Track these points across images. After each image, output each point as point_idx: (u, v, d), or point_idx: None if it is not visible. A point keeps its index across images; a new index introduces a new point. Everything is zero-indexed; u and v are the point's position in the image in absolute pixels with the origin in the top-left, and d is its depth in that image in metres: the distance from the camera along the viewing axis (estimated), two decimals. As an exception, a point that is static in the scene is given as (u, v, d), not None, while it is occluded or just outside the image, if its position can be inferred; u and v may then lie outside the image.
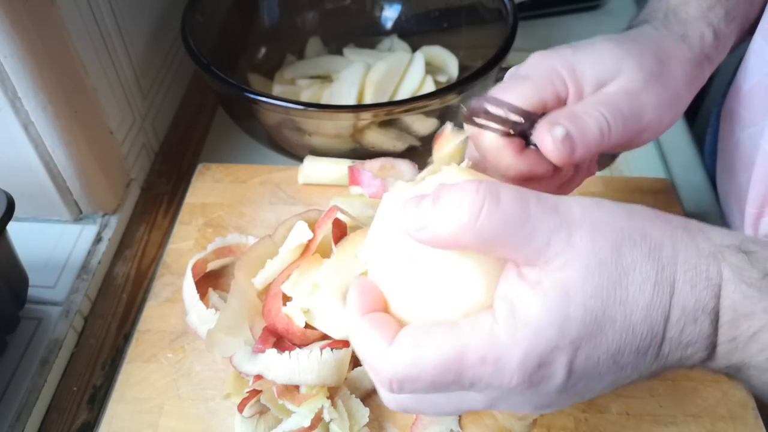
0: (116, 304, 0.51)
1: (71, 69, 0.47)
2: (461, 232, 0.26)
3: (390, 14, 0.70)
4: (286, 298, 0.43)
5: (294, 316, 0.42)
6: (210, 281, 0.49)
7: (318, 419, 0.38)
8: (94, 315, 0.50)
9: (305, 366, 0.39)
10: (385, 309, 0.30)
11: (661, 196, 0.56)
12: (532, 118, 0.35)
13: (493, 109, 0.34)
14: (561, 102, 0.36)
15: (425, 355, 0.26)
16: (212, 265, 0.49)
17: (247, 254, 0.46)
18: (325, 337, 0.42)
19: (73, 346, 0.48)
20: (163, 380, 0.43)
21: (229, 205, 0.54)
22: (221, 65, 0.55)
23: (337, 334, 0.41)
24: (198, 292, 0.46)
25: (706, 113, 0.60)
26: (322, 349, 0.39)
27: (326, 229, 0.44)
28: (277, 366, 0.39)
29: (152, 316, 0.47)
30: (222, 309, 0.44)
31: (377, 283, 0.30)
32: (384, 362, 0.27)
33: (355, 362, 0.42)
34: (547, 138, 0.33)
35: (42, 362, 0.45)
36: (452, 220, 0.26)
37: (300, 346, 0.41)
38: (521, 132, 0.35)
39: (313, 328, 0.42)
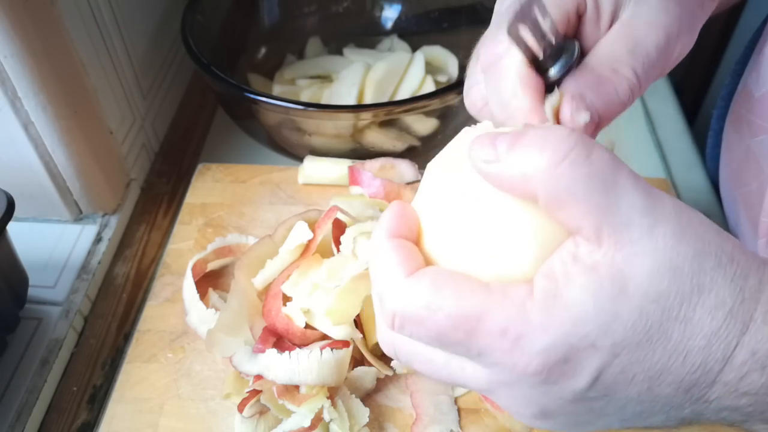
0: (116, 304, 0.51)
1: (71, 69, 0.47)
2: (536, 175, 0.23)
3: (390, 14, 0.70)
4: (286, 298, 0.43)
5: (294, 316, 0.42)
6: (210, 281, 0.49)
7: (318, 419, 0.38)
8: (94, 315, 0.50)
9: (305, 366, 0.39)
10: (417, 244, 0.27)
11: (661, 196, 0.55)
12: (557, 43, 0.29)
13: (539, 19, 0.28)
14: (578, 19, 0.31)
15: (442, 301, 0.23)
16: (212, 265, 0.49)
17: (247, 254, 0.46)
18: (325, 337, 0.42)
19: (73, 346, 0.48)
20: (163, 380, 0.43)
21: (229, 205, 0.54)
22: (221, 65, 0.55)
23: (337, 335, 0.41)
24: (198, 292, 0.46)
25: (707, 114, 0.60)
26: (322, 349, 0.39)
27: (326, 229, 0.44)
28: (277, 366, 0.39)
29: (152, 316, 0.47)
30: (222, 309, 0.44)
31: (417, 211, 0.27)
32: (395, 293, 0.24)
33: (355, 362, 0.42)
34: (569, 119, 0.28)
35: (42, 362, 0.45)
36: (530, 158, 0.23)
37: (300, 346, 0.41)
38: (543, 60, 0.29)
39: (313, 328, 0.42)
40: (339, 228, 0.44)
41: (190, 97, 0.70)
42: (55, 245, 0.52)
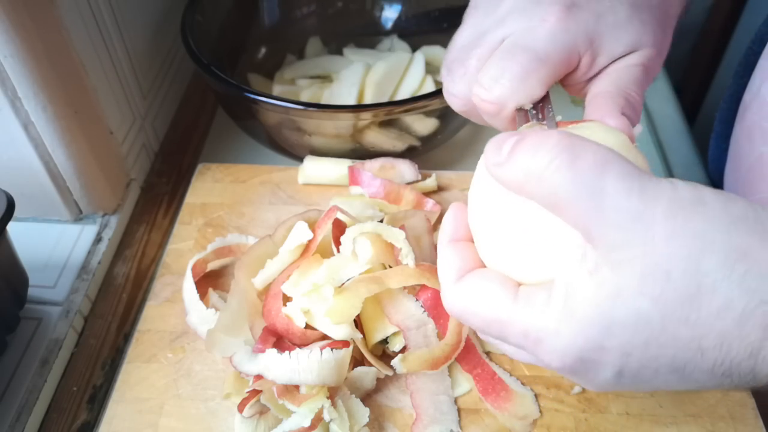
0: (116, 304, 0.51)
1: (71, 69, 0.47)
2: (528, 179, 0.25)
3: (390, 14, 0.70)
4: (286, 298, 0.43)
5: (294, 316, 0.42)
6: (210, 281, 0.49)
7: (318, 419, 0.38)
8: (94, 315, 0.50)
9: (305, 366, 0.39)
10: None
11: (661, 196, 0.55)
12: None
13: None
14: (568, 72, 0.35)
15: (476, 308, 0.28)
16: (212, 265, 0.49)
17: (247, 254, 0.46)
18: (325, 337, 0.42)
19: (73, 346, 0.48)
20: (163, 380, 0.43)
21: (229, 205, 0.54)
22: (221, 65, 0.55)
23: (337, 335, 0.41)
24: (198, 292, 0.46)
25: (707, 114, 0.60)
26: (322, 349, 0.39)
27: (326, 229, 0.44)
28: (277, 366, 0.39)
29: (152, 316, 0.47)
30: (222, 309, 0.44)
31: (468, 207, 0.31)
32: (446, 295, 0.30)
33: (355, 362, 0.42)
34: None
35: (42, 362, 0.45)
36: (523, 164, 0.25)
37: (300, 346, 0.41)
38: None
39: (313, 328, 0.42)
40: (339, 228, 0.44)
41: (190, 97, 0.70)
42: (55, 245, 0.52)
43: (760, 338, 0.23)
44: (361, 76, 0.61)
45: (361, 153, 0.55)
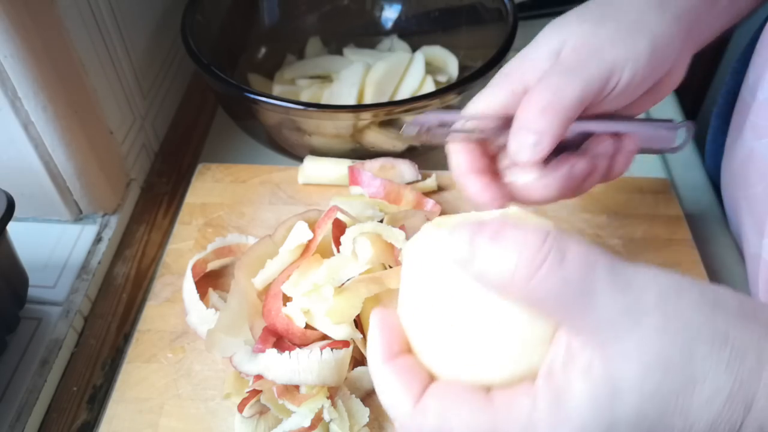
0: (116, 304, 0.51)
1: (71, 69, 0.47)
2: (511, 284, 0.23)
3: (390, 14, 0.70)
4: (286, 298, 0.43)
5: (294, 316, 0.42)
6: (210, 281, 0.49)
7: (318, 419, 0.38)
8: (94, 315, 0.50)
9: (305, 366, 0.39)
10: (408, 347, 0.27)
11: (661, 196, 0.56)
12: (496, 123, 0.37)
13: (447, 120, 0.38)
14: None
15: (451, 428, 0.24)
16: (212, 265, 0.49)
17: (247, 254, 0.46)
18: (325, 337, 0.42)
19: (73, 346, 0.48)
20: (163, 380, 0.43)
21: (229, 205, 0.54)
22: (221, 65, 0.55)
23: (337, 335, 0.41)
24: (198, 292, 0.46)
25: (707, 113, 0.60)
26: (322, 349, 0.39)
27: (326, 229, 0.44)
28: (277, 366, 0.39)
29: (152, 316, 0.47)
30: (222, 309, 0.44)
31: (402, 320, 0.27)
32: (408, 423, 0.25)
33: (355, 362, 0.42)
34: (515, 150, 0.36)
35: (42, 362, 0.45)
36: (505, 267, 0.23)
37: (300, 346, 0.41)
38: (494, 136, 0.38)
39: (313, 328, 0.42)
40: (339, 228, 0.44)
41: (190, 97, 0.70)
42: (55, 245, 0.52)
43: (742, 417, 0.23)
44: (361, 76, 0.61)
45: (361, 153, 0.55)
